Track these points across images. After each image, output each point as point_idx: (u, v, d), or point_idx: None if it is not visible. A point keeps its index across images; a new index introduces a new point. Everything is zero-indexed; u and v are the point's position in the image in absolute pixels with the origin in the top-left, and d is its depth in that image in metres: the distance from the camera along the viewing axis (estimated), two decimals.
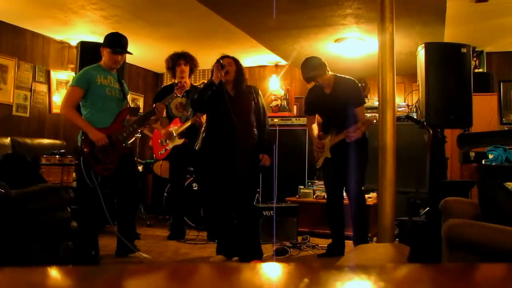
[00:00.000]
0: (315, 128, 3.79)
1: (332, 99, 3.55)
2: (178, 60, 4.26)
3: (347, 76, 3.62)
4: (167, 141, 4.36)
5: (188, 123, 4.18)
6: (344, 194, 3.71)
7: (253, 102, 3.40)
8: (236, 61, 3.40)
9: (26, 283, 0.51)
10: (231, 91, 3.37)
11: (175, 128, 4.29)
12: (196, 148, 3.73)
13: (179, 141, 4.26)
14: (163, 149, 4.40)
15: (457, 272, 0.62)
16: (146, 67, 7.22)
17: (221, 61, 3.30)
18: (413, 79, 4.99)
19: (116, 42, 3.31)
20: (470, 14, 4.40)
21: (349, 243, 3.70)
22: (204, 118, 3.92)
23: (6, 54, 5.03)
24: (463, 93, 3.12)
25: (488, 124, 4.26)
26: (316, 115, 3.83)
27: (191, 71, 4.38)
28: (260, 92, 3.52)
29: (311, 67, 3.52)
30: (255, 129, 3.38)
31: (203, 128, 3.65)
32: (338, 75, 3.61)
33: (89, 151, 3.16)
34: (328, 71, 3.56)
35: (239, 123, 3.27)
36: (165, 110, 4.37)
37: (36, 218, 2.70)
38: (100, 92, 3.24)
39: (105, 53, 3.31)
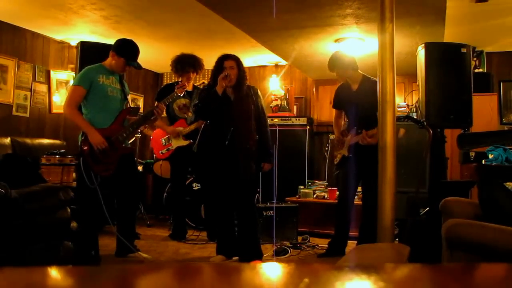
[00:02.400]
0: (340, 123, 3.83)
1: (357, 96, 3.60)
2: (188, 68, 4.27)
3: (374, 78, 3.60)
4: (171, 140, 4.36)
5: (195, 125, 4.20)
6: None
7: (253, 105, 3.40)
8: (238, 63, 3.38)
9: (26, 283, 0.51)
10: (231, 94, 3.37)
11: (181, 129, 4.30)
12: (194, 150, 3.73)
13: (184, 142, 4.28)
14: (165, 149, 4.40)
15: (457, 272, 0.62)
16: (146, 67, 7.21)
17: (226, 70, 3.29)
18: (413, 79, 4.99)
19: (134, 56, 3.31)
20: (470, 14, 4.39)
21: (349, 243, 3.70)
22: None
23: (6, 54, 5.03)
24: (463, 93, 3.12)
25: (488, 124, 4.26)
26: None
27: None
28: (259, 93, 3.52)
29: (332, 61, 3.67)
30: (255, 133, 3.41)
31: (201, 130, 3.64)
32: (366, 75, 3.65)
33: (88, 152, 3.16)
34: (353, 69, 3.63)
35: (240, 128, 3.28)
36: (165, 110, 4.39)
37: (36, 218, 2.70)
38: (102, 92, 3.24)
39: (117, 60, 3.28)
